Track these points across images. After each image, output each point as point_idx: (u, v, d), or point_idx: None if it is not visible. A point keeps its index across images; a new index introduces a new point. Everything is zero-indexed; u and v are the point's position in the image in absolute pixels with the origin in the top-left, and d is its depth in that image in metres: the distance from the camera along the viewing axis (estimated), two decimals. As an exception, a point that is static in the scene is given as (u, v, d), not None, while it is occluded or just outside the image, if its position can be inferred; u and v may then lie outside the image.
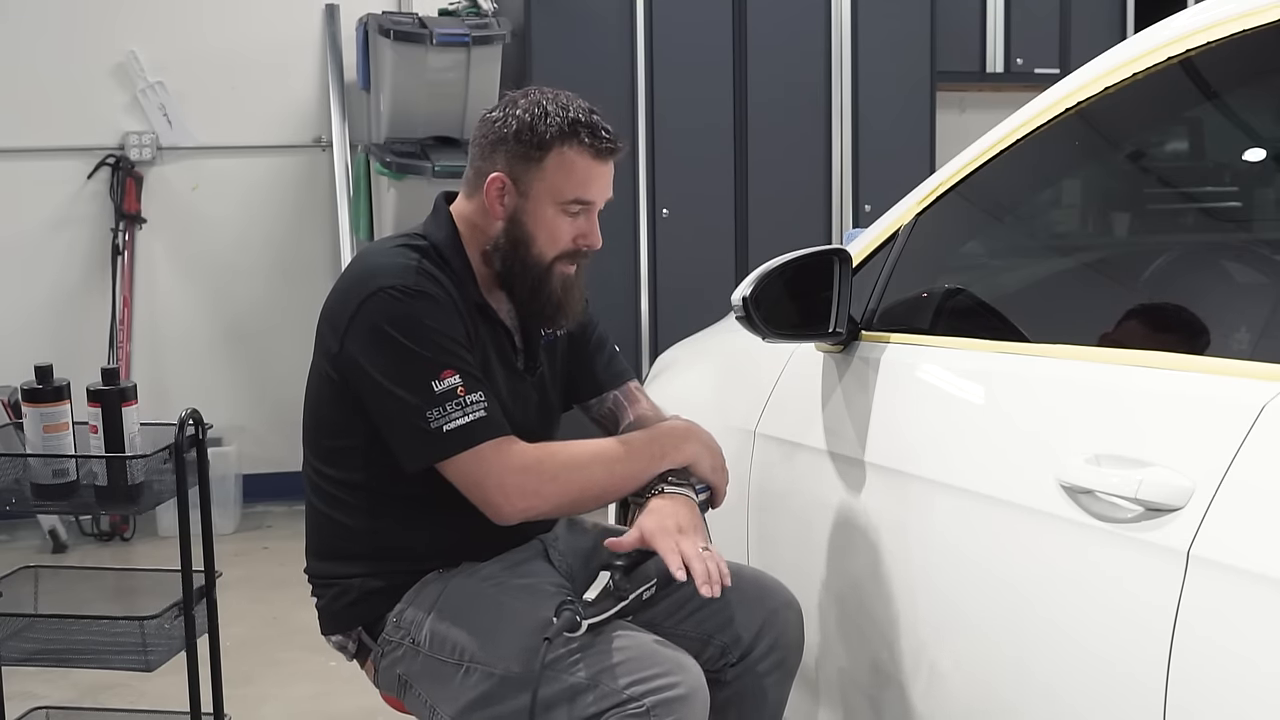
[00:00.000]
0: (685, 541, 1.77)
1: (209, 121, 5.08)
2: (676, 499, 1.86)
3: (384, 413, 1.83)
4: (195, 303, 5.17)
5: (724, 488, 1.98)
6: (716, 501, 1.98)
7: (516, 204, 1.90)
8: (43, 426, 2.27)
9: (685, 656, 1.77)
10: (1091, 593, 1.44)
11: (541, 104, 1.89)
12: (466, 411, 1.79)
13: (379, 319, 1.82)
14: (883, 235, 2.07)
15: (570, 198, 1.90)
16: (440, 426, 1.78)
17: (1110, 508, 1.40)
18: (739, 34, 4.93)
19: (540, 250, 1.91)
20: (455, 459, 1.80)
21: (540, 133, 1.87)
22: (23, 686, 2.94)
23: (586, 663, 1.74)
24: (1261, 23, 1.43)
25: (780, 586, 2.00)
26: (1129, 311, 1.77)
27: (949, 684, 1.72)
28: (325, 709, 3.22)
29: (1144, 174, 2.01)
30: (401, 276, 1.84)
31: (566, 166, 1.88)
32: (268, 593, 3.96)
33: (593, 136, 1.89)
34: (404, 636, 1.88)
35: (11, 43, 4.88)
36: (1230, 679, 1.25)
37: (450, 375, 1.80)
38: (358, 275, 1.89)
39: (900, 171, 4.44)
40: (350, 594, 1.94)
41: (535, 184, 1.89)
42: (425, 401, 1.78)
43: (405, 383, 1.80)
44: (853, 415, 1.98)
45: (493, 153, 1.91)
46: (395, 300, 1.82)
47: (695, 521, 1.84)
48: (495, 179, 1.89)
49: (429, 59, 4.56)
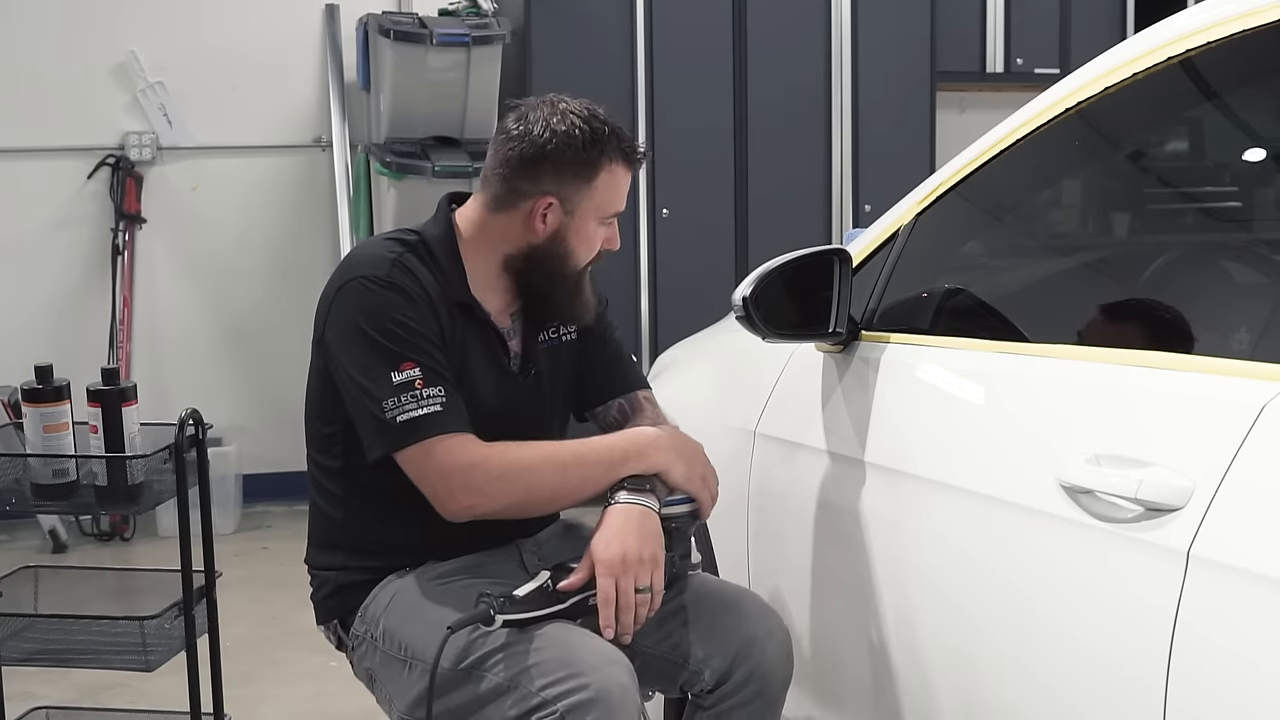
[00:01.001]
0: (625, 579, 1.76)
1: (209, 121, 5.08)
2: (630, 511, 1.83)
3: (350, 400, 1.85)
4: (195, 303, 5.16)
5: (706, 496, 1.92)
6: (704, 513, 1.94)
7: (562, 221, 1.90)
8: (43, 426, 2.27)
9: (609, 655, 1.72)
10: (1091, 593, 1.44)
11: (575, 122, 1.87)
12: (422, 404, 1.79)
13: (351, 309, 1.84)
14: (883, 235, 2.07)
15: (613, 212, 1.93)
16: (394, 417, 1.79)
17: (1110, 508, 1.40)
18: (739, 34, 4.93)
19: (577, 261, 1.93)
20: (406, 451, 1.80)
21: (591, 153, 1.88)
22: (23, 686, 2.94)
23: (507, 663, 1.73)
24: (1261, 23, 1.43)
25: (765, 614, 1.95)
26: (1129, 311, 1.77)
27: (949, 684, 1.72)
28: (325, 709, 3.22)
29: (1144, 174, 2.01)
30: (376, 267, 1.85)
31: (613, 184, 1.91)
32: (268, 593, 3.96)
33: (633, 150, 1.92)
34: (367, 631, 1.90)
35: (12, 43, 4.88)
36: (1230, 679, 1.25)
37: (410, 368, 1.80)
38: (343, 266, 1.92)
39: (900, 171, 4.43)
40: (328, 586, 1.97)
41: (584, 203, 1.90)
42: (383, 392, 1.79)
43: (368, 372, 1.81)
44: (853, 415, 1.98)
45: (536, 173, 1.88)
46: (366, 290, 1.84)
47: (645, 546, 1.80)
48: (546, 201, 1.89)
49: (429, 59, 4.56)
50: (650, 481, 1.87)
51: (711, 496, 1.94)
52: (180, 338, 5.13)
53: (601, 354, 2.08)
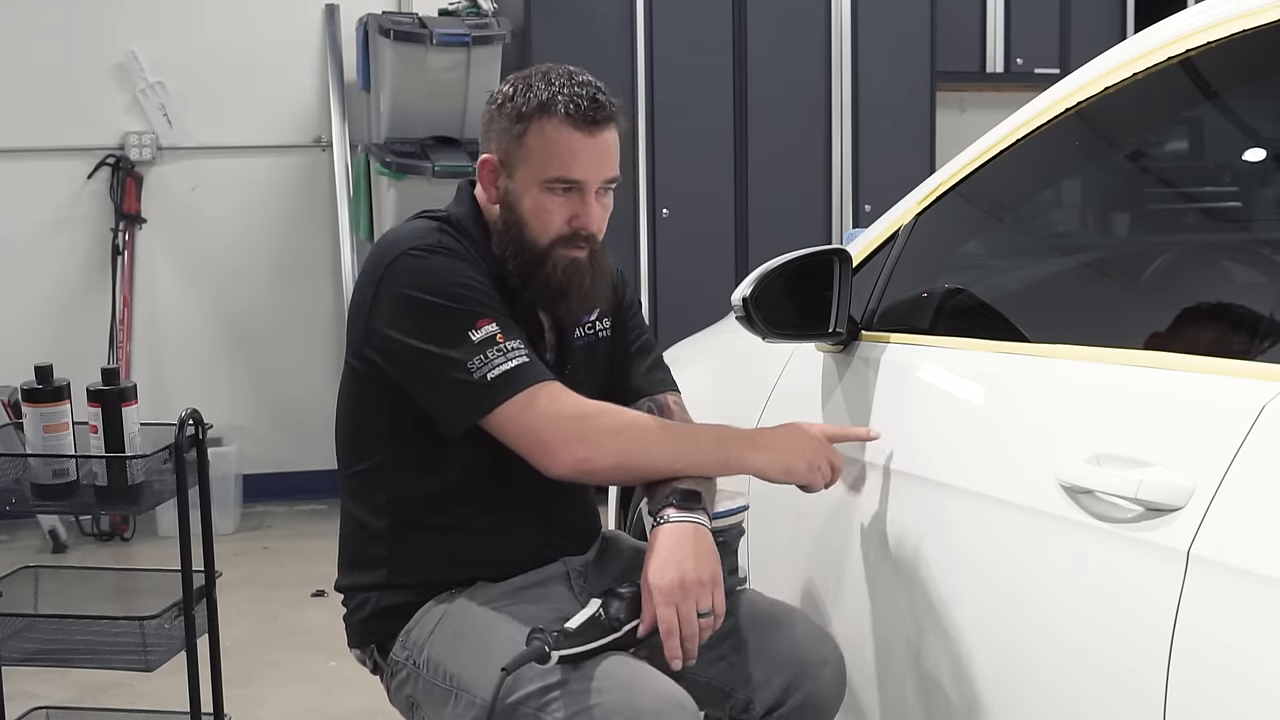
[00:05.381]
0: (685, 604, 1.63)
1: (209, 121, 5.08)
2: (682, 530, 1.68)
3: (422, 377, 1.72)
4: (195, 303, 5.17)
5: (816, 479, 1.80)
6: (814, 485, 1.81)
7: (505, 185, 1.80)
8: (43, 426, 2.27)
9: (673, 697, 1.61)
10: (1091, 593, 1.44)
11: (529, 78, 1.78)
12: (509, 357, 1.68)
13: (402, 284, 1.72)
14: (883, 235, 2.07)
15: (551, 175, 1.76)
16: (484, 375, 1.66)
17: (1110, 508, 1.40)
18: (739, 34, 4.93)
19: (533, 234, 1.79)
20: (503, 408, 1.67)
21: (518, 106, 1.76)
22: (23, 686, 2.94)
23: (565, 700, 1.59)
24: (1261, 23, 1.43)
25: (821, 640, 1.83)
26: (1129, 311, 1.77)
27: (949, 683, 1.72)
28: (325, 709, 3.22)
29: (1144, 174, 2.01)
30: (421, 238, 1.75)
31: (546, 141, 1.75)
32: (268, 593, 3.96)
33: (571, 107, 1.74)
34: (408, 657, 1.80)
35: (11, 43, 4.88)
36: (1230, 679, 1.25)
37: (486, 323, 1.69)
38: (377, 254, 1.80)
39: (900, 171, 4.43)
40: (368, 608, 1.85)
41: (519, 162, 1.77)
42: (464, 353, 1.67)
43: (440, 338, 1.69)
44: (853, 415, 1.97)
45: (486, 134, 1.82)
46: (417, 259, 1.73)
47: (703, 566, 1.66)
48: (485, 161, 1.81)
49: (429, 59, 4.56)
50: (700, 493, 1.74)
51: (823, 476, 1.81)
52: (180, 338, 5.13)
53: (631, 350, 2.00)
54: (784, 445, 1.80)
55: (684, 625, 1.63)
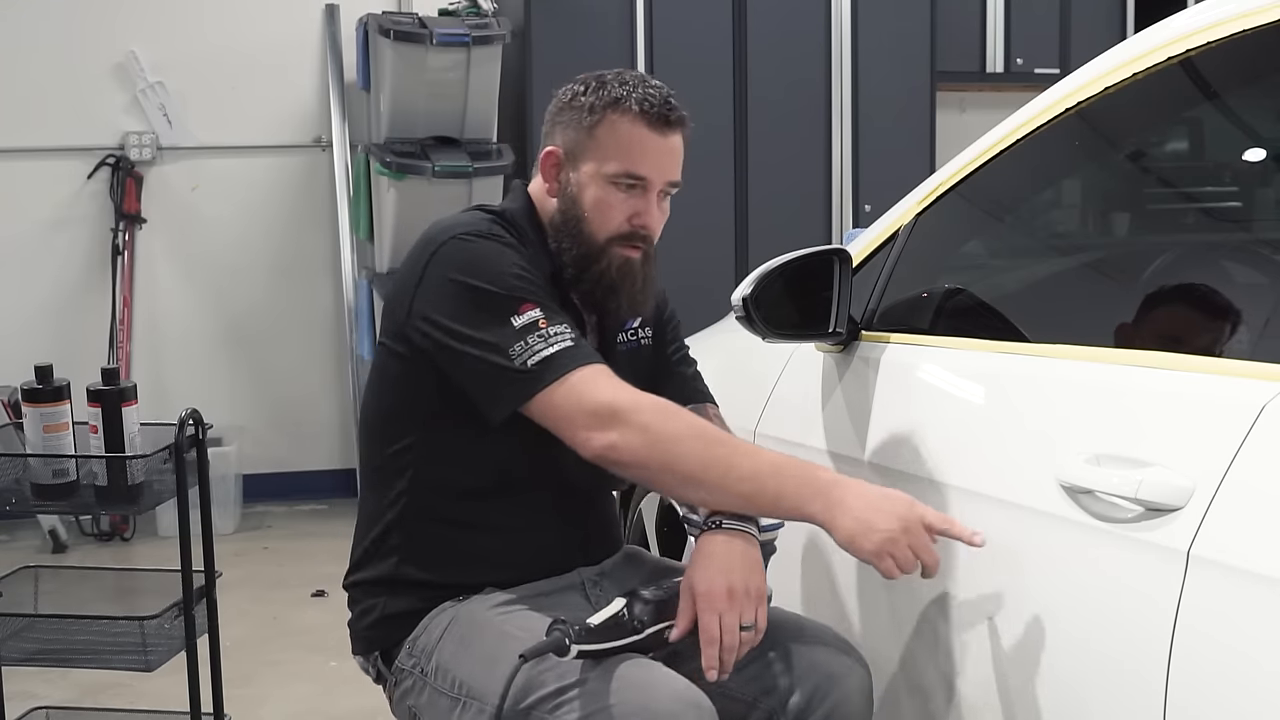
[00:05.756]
0: (729, 614, 1.59)
1: (209, 121, 5.08)
2: (733, 539, 1.65)
3: (464, 363, 1.68)
4: (195, 303, 5.17)
5: (889, 565, 1.59)
6: (884, 569, 1.59)
7: (568, 177, 1.79)
8: (43, 426, 2.27)
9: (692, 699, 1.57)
10: (1091, 593, 1.44)
11: (602, 76, 1.80)
12: (550, 342, 1.64)
13: (446, 269, 1.70)
14: (883, 235, 2.07)
15: (618, 170, 1.76)
16: (525, 361, 1.63)
17: (1110, 508, 1.40)
18: (739, 34, 4.93)
19: (592, 228, 1.77)
20: (544, 394, 1.63)
21: (590, 99, 1.77)
22: (23, 686, 2.94)
23: (581, 704, 1.56)
24: (1261, 23, 1.43)
25: (847, 650, 1.80)
26: (1129, 311, 1.77)
27: (948, 683, 1.72)
28: (325, 709, 3.22)
29: (1144, 174, 2.01)
30: (471, 225, 1.74)
31: (616, 135, 1.76)
32: (268, 593, 3.96)
33: (646, 104, 1.76)
34: (415, 665, 1.76)
35: (11, 43, 4.88)
36: (1230, 679, 1.25)
37: (530, 309, 1.66)
38: (425, 239, 1.77)
39: (900, 171, 4.43)
40: (372, 614, 1.82)
41: (585, 155, 1.77)
42: (506, 338, 1.64)
43: (482, 324, 1.66)
44: (853, 415, 1.97)
45: (552, 127, 1.82)
46: (463, 244, 1.71)
47: (750, 578, 1.63)
48: (550, 153, 1.81)
49: (429, 59, 4.56)
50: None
51: (898, 562, 1.59)
52: (180, 338, 5.13)
53: (669, 359, 1.98)
54: (861, 508, 1.60)
55: (725, 635, 1.60)
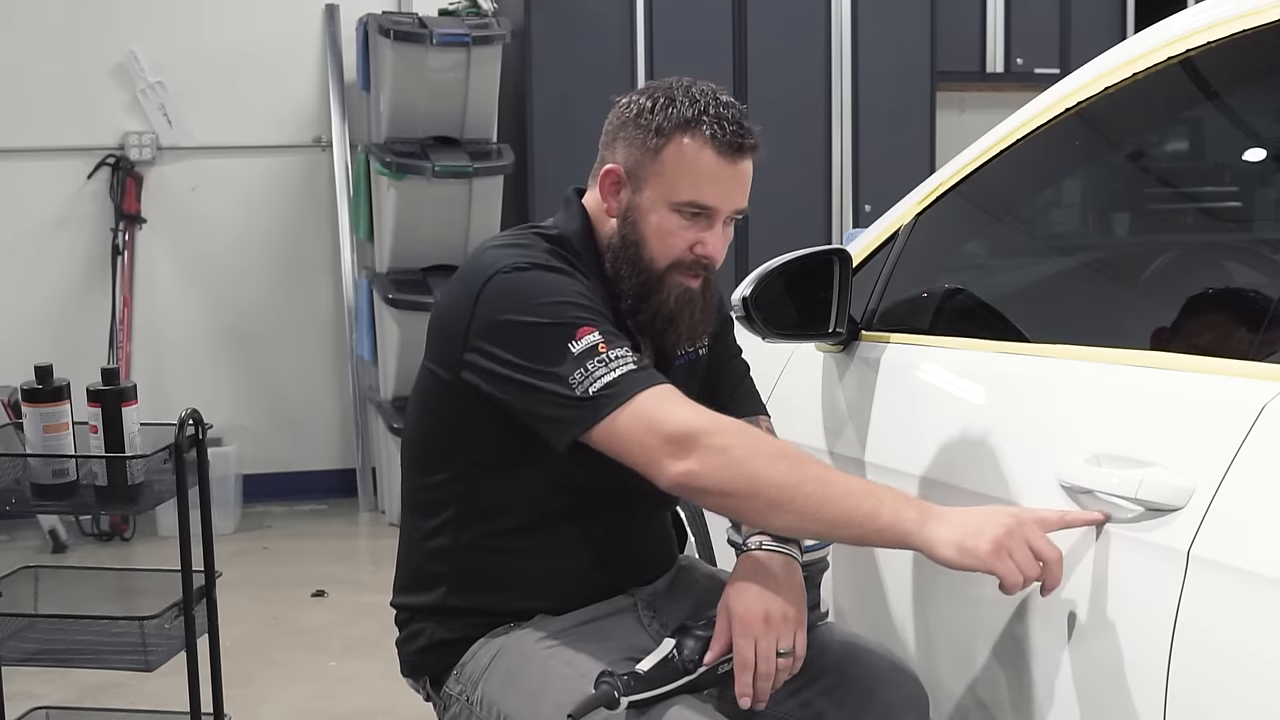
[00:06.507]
0: (765, 640, 1.54)
1: (209, 121, 5.08)
2: (771, 561, 1.60)
3: (526, 401, 1.59)
4: (195, 303, 5.17)
5: (1008, 570, 1.42)
6: (1003, 574, 1.43)
7: (630, 200, 1.68)
8: (43, 426, 2.27)
9: None
10: (1092, 592, 1.44)
11: (671, 90, 1.67)
12: (612, 366, 1.54)
13: (499, 309, 1.60)
14: (883, 235, 2.07)
15: (685, 199, 1.66)
16: (587, 389, 1.53)
17: (1110, 508, 1.40)
18: (739, 34, 4.93)
19: (652, 255, 1.68)
20: (606, 421, 1.53)
21: (658, 119, 1.65)
22: (23, 686, 2.94)
23: None
24: (1261, 23, 1.43)
25: (905, 679, 1.71)
26: (1129, 311, 1.77)
27: (948, 683, 1.72)
28: (325, 709, 3.22)
29: (1144, 174, 2.01)
30: (513, 257, 1.63)
31: (683, 161, 1.65)
32: (268, 593, 3.96)
33: (718, 127, 1.65)
34: (462, 693, 1.70)
35: (11, 43, 4.88)
36: (1230, 678, 1.25)
37: (588, 332, 1.56)
38: (471, 271, 1.67)
39: (900, 171, 4.44)
40: (420, 639, 1.75)
41: (649, 178, 1.66)
42: (565, 368, 1.54)
43: (539, 356, 1.57)
44: (853, 415, 1.98)
45: (613, 141, 1.70)
46: (509, 279, 1.61)
47: (789, 602, 1.57)
48: (610, 171, 1.69)
49: (429, 59, 4.57)
50: None
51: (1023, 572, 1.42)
52: (180, 338, 5.13)
53: (723, 372, 1.89)
54: (962, 517, 1.47)
55: (761, 662, 1.54)
